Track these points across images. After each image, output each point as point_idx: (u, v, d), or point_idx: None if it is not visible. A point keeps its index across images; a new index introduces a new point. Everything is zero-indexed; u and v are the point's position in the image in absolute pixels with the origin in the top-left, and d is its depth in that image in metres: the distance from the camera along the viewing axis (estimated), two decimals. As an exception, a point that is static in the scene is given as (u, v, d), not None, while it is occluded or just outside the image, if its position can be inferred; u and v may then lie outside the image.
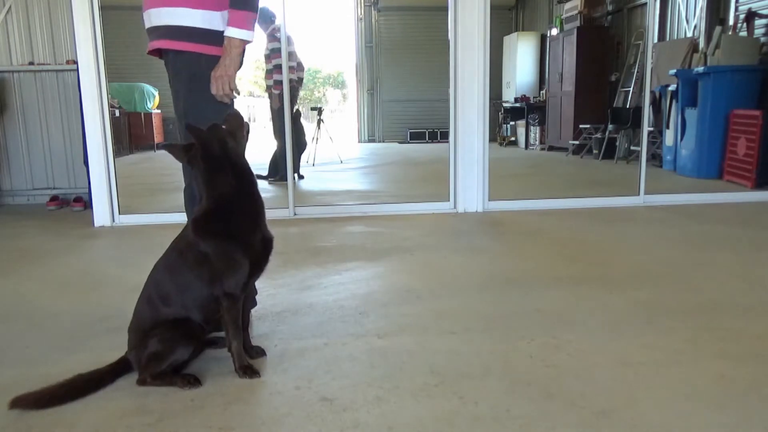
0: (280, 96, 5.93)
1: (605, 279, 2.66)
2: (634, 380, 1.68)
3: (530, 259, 3.06)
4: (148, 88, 9.96)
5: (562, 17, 9.52)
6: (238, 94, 1.95)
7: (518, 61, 11.10)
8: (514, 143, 10.91)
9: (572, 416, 1.49)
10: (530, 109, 10.42)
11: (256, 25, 1.99)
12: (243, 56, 1.94)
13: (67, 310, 2.41)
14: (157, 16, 1.95)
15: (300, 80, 6.13)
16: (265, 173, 6.07)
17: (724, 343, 1.92)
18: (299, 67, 6.04)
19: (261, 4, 1.97)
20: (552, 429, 1.44)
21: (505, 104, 11.25)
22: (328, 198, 5.40)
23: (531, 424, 1.46)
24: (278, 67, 5.93)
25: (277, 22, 5.80)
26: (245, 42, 1.90)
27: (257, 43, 5.99)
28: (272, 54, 5.93)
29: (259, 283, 2.30)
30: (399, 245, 3.39)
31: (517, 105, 10.79)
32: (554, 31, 9.76)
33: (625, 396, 1.59)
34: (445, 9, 4.25)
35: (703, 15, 6.92)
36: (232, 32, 1.88)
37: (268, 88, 6.09)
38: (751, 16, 6.09)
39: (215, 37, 1.93)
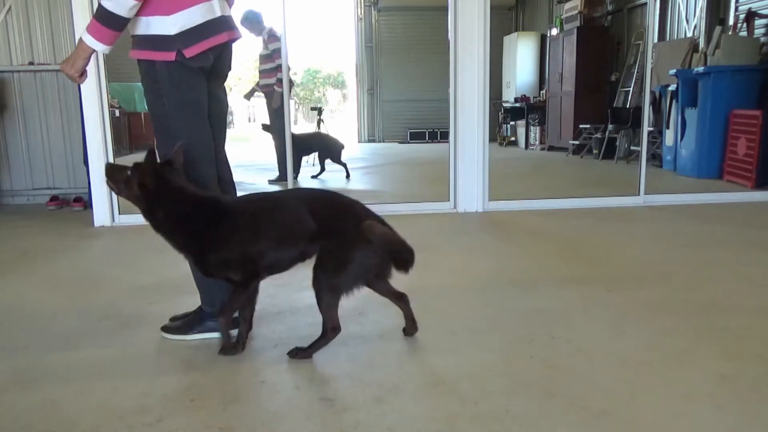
0: (269, 94, 5.97)
1: (605, 279, 2.66)
2: (634, 380, 1.68)
3: (530, 259, 3.06)
4: (148, 88, 9.94)
5: (562, 17, 9.52)
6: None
7: (518, 61, 11.09)
8: (514, 143, 10.91)
9: (572, 416, 1.49)
10: (530, 109, 10.42)
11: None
12: (88, 60, 1.93)
13: (67, 310, 2.41)
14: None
15: (280, 81, 6.09)
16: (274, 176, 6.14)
17: (725, 343, 1.92)
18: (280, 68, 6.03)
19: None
20: (552, 429, 1.44)
21: (505, 104, 11.25)
22: (328, 198, 5.38)
23: (531, 424, 1.46)
24: (264, 72, 5.99)
25: (271, 24, 5.82)
26: (92, 49, 1.90)
27: (256, 44, 6.03)
28: (262, 57, 5.99)
29: (261, 283, 2.30)
30: (399, 245, 3.38)
31: (517, 105, 10.79)
32: (554, 31, 9.76)
33: (625, 396, 1.59)
34: (445, 9, 4.25)
35: (703, 15, 6.92)
36: (84, 36, 1.89)
37: (261, 88, 6.13)
38: (751, 16, 6.09)
39: (167, 42, 1.89)
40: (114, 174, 1.85)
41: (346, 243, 1.79)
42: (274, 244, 1.85)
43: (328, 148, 6.66)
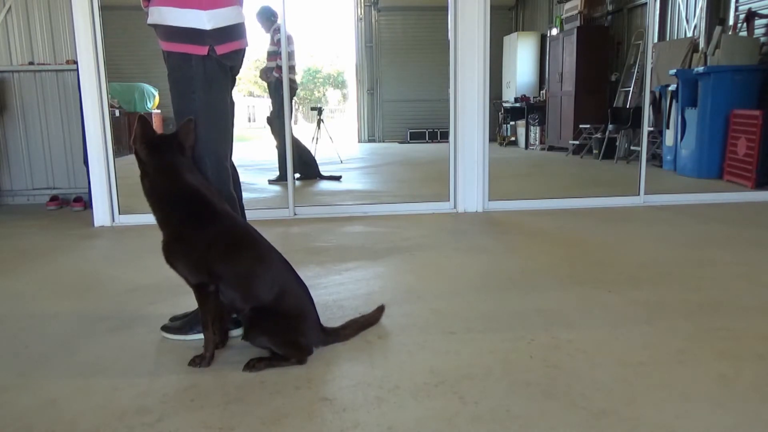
0: (270, 76, 5.94)
1: (605, 279, 2.66)
2: (634, 380, 1.68)
3: (530, 259, 3.06)
4: (148, 88, 9.95)
5: (562, 17, 9.53)
6: None
7: (518, 61, 11.09)
8: (514, 143, 10.91)
9: (572, 416, 1.49)
10: (530, 109, 10.42)
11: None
12: None
13: (67, 310, 2.41)
14: (151, 15, 1.95)
15: (279, 67, 6.04)
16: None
17: (725, 343, 1.92)
18: (292, 70, 6.00)
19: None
20: (552, 429, 1.44)
21: (505, 104, 11.25)
22: (328, 198, 5.40)
23: (531, 424, 1.46)
24: (272, 54, 5.96)
25: (278, 21, 5.81)
26: None
27: (258, 42, 6.03)
28: (270, 54, 5.95)
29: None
30: (399, 245, 3.39)
31: (517, 105, 10.79)
32: (554, 31, 9.76)
33: (625, 396, 1.59)
34: (445, 9, 4.24)
35: (703, 15, 6.92)
36: None
37: (264, 72, 6.06)
38: (751, 16, 6.10)
39: (201, 37, 1.90)
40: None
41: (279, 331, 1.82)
42: (230, 278, 1.82)
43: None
